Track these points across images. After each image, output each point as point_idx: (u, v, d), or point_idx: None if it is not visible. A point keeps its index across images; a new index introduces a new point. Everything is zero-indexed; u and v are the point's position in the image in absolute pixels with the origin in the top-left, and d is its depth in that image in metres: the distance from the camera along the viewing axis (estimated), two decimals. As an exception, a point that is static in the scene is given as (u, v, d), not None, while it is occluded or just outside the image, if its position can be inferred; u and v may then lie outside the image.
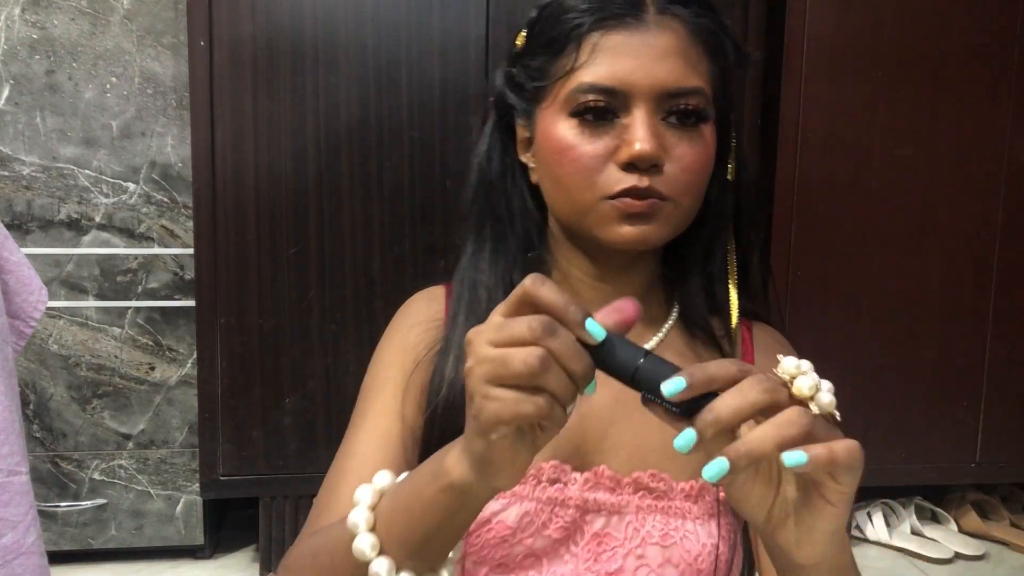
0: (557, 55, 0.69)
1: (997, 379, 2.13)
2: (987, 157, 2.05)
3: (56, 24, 1.83)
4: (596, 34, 0.67)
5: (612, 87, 0.66)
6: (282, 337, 1.87)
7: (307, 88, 1.82)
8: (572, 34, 0.68)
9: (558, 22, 0.69)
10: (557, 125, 0.69)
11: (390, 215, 1.87)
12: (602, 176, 0.68)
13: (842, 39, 1.97)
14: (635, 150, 0.66)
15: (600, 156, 0.68)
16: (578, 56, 0.68)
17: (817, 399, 0.48)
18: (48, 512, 1.91)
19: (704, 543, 0.70)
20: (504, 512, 0.70)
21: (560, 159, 0.69)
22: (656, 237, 0.69)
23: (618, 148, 0.67)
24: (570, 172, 0.69)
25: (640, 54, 0.66)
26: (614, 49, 0.67)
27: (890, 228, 2.05)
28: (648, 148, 0.65)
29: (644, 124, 0.66)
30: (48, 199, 1.87)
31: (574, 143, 0.68)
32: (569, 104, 0.68)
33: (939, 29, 2.00)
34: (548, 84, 0.70)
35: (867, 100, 2.00)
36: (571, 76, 0.68)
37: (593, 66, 0.67)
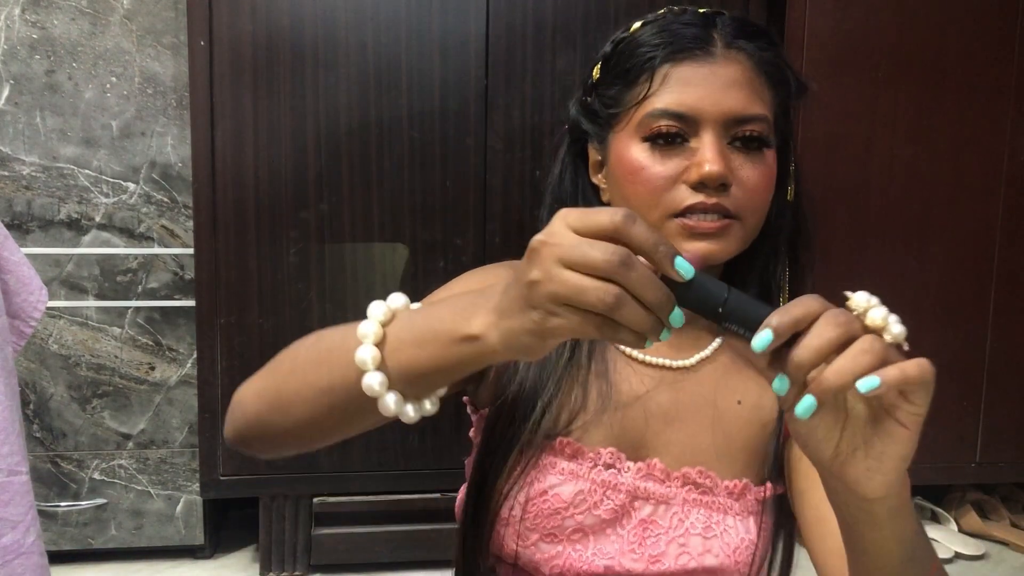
0: (631, 84, 0.75)
1: (997, 379, 2.13)
2: (987, 157, 2.05)
3: (56, 24, 1.83)
4: (667, 65, 0.74)
5: (682, 112, 0.72)
6: (282, 337, 1.87)
7: (307, 88, 1.81)
8: (646, 66, 0.74)
9: (632, 55, 0.76)
10: (630, 148, 0.75)
11: (390, 215, 1.87)
12: (670, 195, 0.73)
13: (842, 39, 1.97)
14: (704, 170, 0.71)
15: (670, 177, 0.73)
16: (651, 85, 0.74)
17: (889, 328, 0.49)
18: (48, 512, 1.91)
19: (743, 537, 0.76)
20: (560, 487, 0.75)
21: (632, 179, 0.74)
22: (722, 254, 0.73)
23: (687, 169, 0.73)
24: (640, 191, 0.74)
25: (708, 83, 0.72)
26: (684, 79, 0.73)
27: (890, 228, 2.05)
28: (717, 168, 0.71)
29: (712, 146, 0.72)
30: (48, 199, 1.86)
31: (645, 164, 0.74)
32: (642, 129, 0.74)
33: (939, 29, 2.00)
34: (622, 111, 0.76)
35: (867, 100, 2.00)
36: (644, 103, 0.74)
37: (665, 94, 0.73)
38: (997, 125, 2.05)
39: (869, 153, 2.02)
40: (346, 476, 1.91)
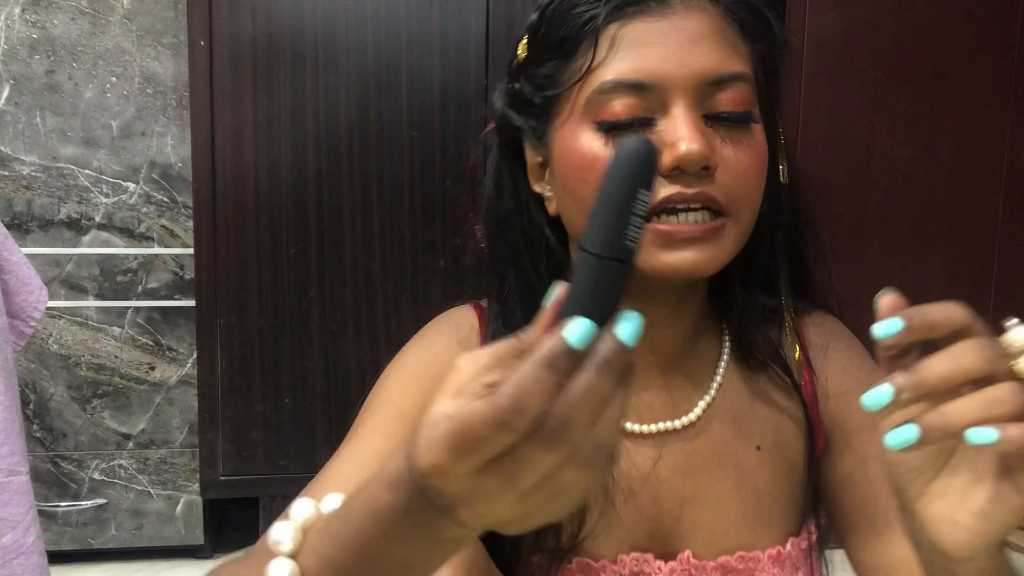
0: (570, 56, 0.59)
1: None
2: (987, 157, 2.05)
3: (56, 24, 1.83)
4: (614, 26, 0.57)
5: (642, 80, 0.56)
6: (282, 337, 1.87)
7: (307, 88, 1.81)
8: (585, 29, 0.57)
9: (566, 18, 0.59)
10: (578, 137, 0.58)
11: (390, 215, 1.87)
12: None
13: (842, 39, 1.97)
14: (680, 150, 0.55)
15: None
16: (596, 52, 0.57)
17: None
18: (48, 512, 1.91)
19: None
20: None
21: (585, 177, 0.57)
22: (713, 264, 0.57)
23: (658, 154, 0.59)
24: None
25: (669, 40, 0.56)
26: (638, 39, 0.56)
27: (890, 228, 2.05)
28: (696, 146, 0.55)
29: (687, 119, 0.55)
30: (48, 199, 1.86)
31: (601, 156, 0.57)
32: (592, 110, 0.57)
33: (939, 29, 2.00)
34: (562, 92, 0.59)
35: (867, 100, 2.00)
36: (590, 77, 0.57)
37: (615, 61, 0.56)
38: (997, 125, 2.05)
39: (869, 153, 2.02)
40: (346, 476, 1.91)
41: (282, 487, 1.92)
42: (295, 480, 1.90)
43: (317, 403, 1.89)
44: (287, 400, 1.88)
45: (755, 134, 0.59)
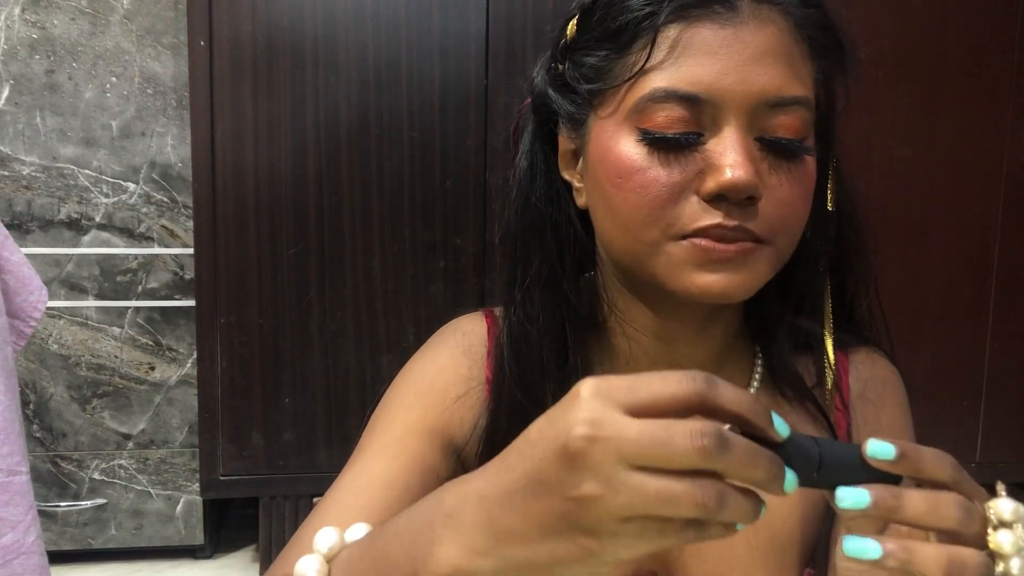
0: (623, 50, 0.54)
1: (997, 379, 2.13)
2: (987, 157, 2.05)
3: (56, 24, 1.83)
4: (675, 27, 0.52)
5: (696, 94, 0.52)
6: (282, 337, 1.87)
7: (307, 88, 1.81)
8: (644, 24, 0.53)
9: (624, 7, 0.54)
10: (619, 141, 0.54)
11: (390, 215, 1.87)
12: (677, 209, 0.53)
13: (842, 39, 1.97)
14: (726, 178, 0.51)
15: (676, 184, 0.53)
16: (651, 53, 0.53)
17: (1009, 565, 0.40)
18: (48, 512, 1.91)
19: None
20: None
21: (621, 185, 0.54)
22: (744, 290, 0.55)
23: (701, 174, 0.53)
24: (634, 203, 0.54)
25: (732, 53, 0.52)
26: (699, 46, 0.52)
27: (890, 228, 2.04)
28: (744, 176, 0.51)
29: (739, 145, 0.52)
30: (48, 199, 1.86)
31: (642, 165, 0.53)
32: (638, 116, 0.54)
33: (939, 29, 2.00)
34: (608, 88, 0.55)
35: (867, 100, 2.00)
36: (642, 79, 0.53)
37: (671, 67, 0.52)
38: (997, 125, 2.05)
39: (869, 153, 2.02)
40: (346, 476, 1.91)
41: (282, 487, 1.92)
42: (295, 480, 1.90)
43: (317, 403, 1.89)
44: (287, 400, 1.88)
45: (806, 163, 0.55)
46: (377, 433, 0.63)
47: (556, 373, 0.62)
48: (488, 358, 0.65)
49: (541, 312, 0.62)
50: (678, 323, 0.62)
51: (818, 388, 0.65)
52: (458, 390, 0.64)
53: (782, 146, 0.54)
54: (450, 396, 0.64)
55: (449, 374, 0.65)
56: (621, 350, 0.64)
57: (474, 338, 0.67)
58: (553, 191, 0.63)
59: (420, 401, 0.64)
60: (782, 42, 0.53)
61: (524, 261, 0.64)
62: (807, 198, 0.56)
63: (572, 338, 0.62)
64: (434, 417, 0.63)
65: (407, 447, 0.61)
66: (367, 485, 0.59)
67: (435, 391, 0.64)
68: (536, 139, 0.64)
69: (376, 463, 0.60)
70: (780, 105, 0.53)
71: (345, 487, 0.60)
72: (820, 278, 0.62)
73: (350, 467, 0.62)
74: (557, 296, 0.62)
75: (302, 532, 0.58)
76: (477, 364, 0.65)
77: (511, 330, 0.64)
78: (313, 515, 0.59)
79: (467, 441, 0.64)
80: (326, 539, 0.47)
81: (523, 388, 0.62)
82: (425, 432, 0.62)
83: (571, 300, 0.62)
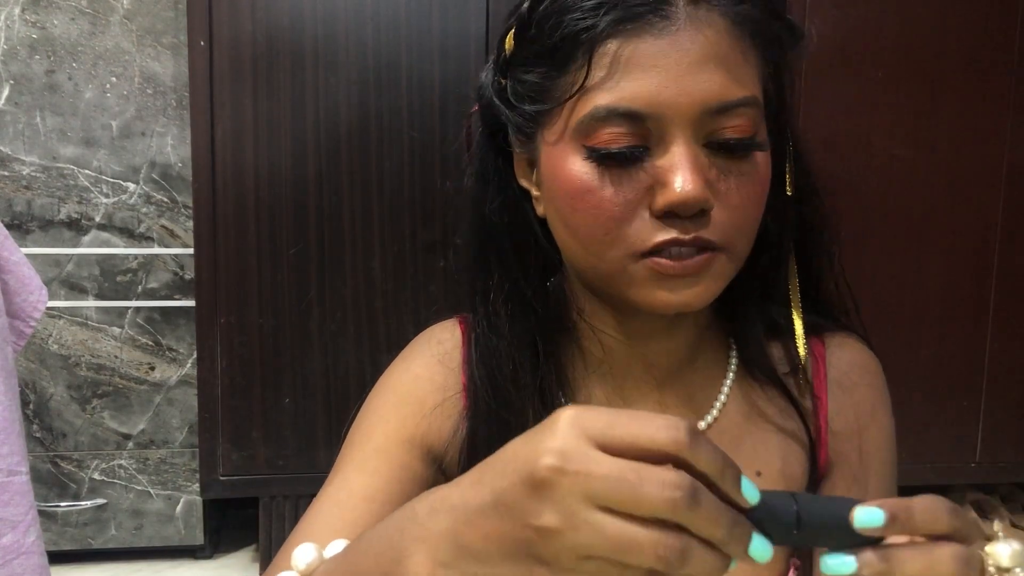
0: (561, 68, 0.54)
1: (997, 379, 2.13)
2: (987, 157, 2.05)
3: (56, 24, 1.83)
4: (612, 42, 0.52)
5: (638, 111, 0.52)
6: (282, 337, 1.87)
7: (307, 88, 1.81)
8: (580, 39, 0.52)
9: (559, 23, 0.53)
10: (567, 161, 0.54)
11: (390, 215, 1.87)
12: (632, 227, 0.53)
13: (842, 39, 1.97)
14: (676, 194, 0.51)
15: (628, 202, 0.53)
16: (590, 71, 0.52)
17: None
18: (48, 512, 1.91)
19: None
20: None
21: (575, 205, 0.54)
22: (705, 299, 0.55)
23: (651, 190, 0.53)
24: (589, 222, 0.54)
25: (671, 65, 0.51)
26: (638, 60, 0.51)
27: (890, 228, 2.04)
28: (693, 191, 0.51)
29: (685, 159, 0.52)
30: (48, 199, 1.86)
31: (592, 185, 0.53)
32: (582, 135, 0.53)
33: (939, 29, 2.00)
34: (552, 107, 0.55)
35: (867, 100, 2.00)
36: (583, 99, 0.53)
37: (610, 83, 0.52)
38: (997, 125, 2.05)
39: (868, 153, 2.02)
40: (346, 476, 1.91)
41: (282, 487, 1.92)
42: (295, 480, 1.90)
43: (317, 403, 1.89)
44: (287, 400, 1.88)
45: (757, 160, 0.55)
46: (356, 447, 0.62)
47: (530, 380, 0.62)
48: (464, 364, 0.65)
49: (507, 323, 0.62)
50: (646, 324, 0.62)
51: (794, 375, 0.65)
52: (435, 399, 0.64)
53: (730, 147, 0.53)
54: (427, 405, 0.64)
55: (424, 383, 0.65)
56: (592, 352, 0.64)
57: (448, 346, 0.67)
58: (508, 200, 0.62)
59: (397, 412, 0.63)
60: (722, 44, 0.52)
61: (484, 274, 0.64)
62: (761, 197, 0.56)
63: (542, 345, 0.62)
64: (412, 427, 0.63)
65: (387, 459, 0.61)
66: (348, 499, 0.59)
67: (412, 401, 0.64)
68: (487, 149, 0.63)
69: (356, 477, 0.60)
70: (723, 111, 0.52)
71: (326, 502, 0.60)
72: (785, 262, 0.63)
73: (330, 482, 0.61)
74: (522, 306, 0.62)
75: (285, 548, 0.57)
76: (453, 372, 0.65)
77: (478, 342, 0.64)
78: (296, 531, 0.59)
79: (446, 449, 0.64)
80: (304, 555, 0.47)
81: (497, 398, 0.62)
82: (404, 443, 0.62)
83: (536, 308, 0.62)
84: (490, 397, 0.62)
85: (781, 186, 0.61)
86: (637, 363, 0.64)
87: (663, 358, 0.64)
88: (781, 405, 0.65)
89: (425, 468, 0.63)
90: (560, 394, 0.63)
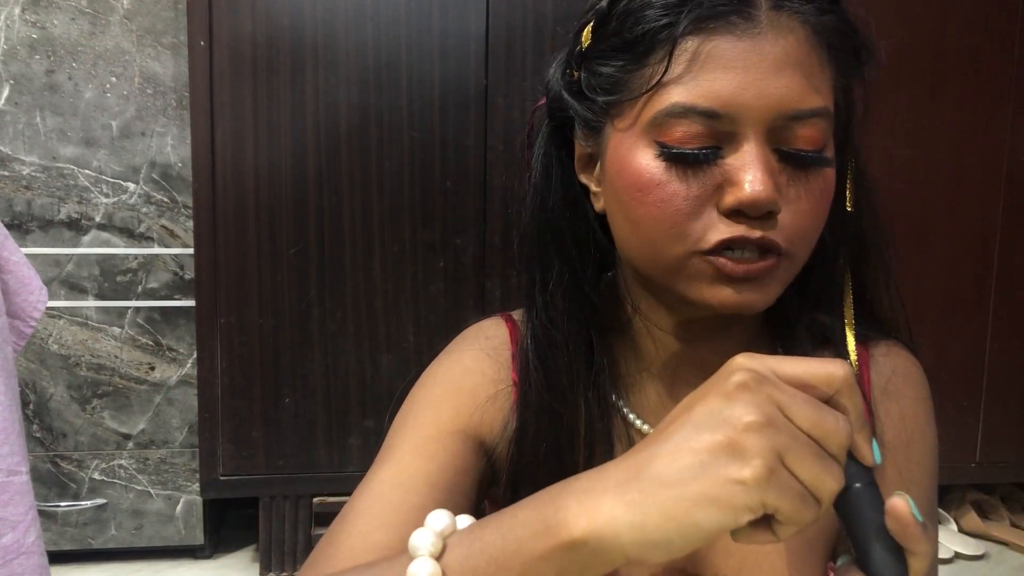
0: (639, 62, 0.54)
1: (997, 379, 2.13)
2: (987, 157, 2.05)
3: (56, 24, 1.83)
4: (693, 39, 0.52)
5: (715, 110, 0.52)
6: (282, 337, 1.87)
7: (307, 88, 1.81)
8: (661, 36, 0.52)
9: (641, 17, 0.53)
10: (637, 155, 0.55)
11: (390, 215, 1.87)
12: (698, 224, 0.54)
13: (842, 39, 1.97)
14: (746, 193, 0.52)
15: (696, 199, 0.53)
16: (669, 66, 0.52)
17: None
18: (48, 512, 1.91)
19: None
20: None
21: (641, 199, 0.54)
22: (762, 304, 0.56)
23: (720, 188, 0.53)
24: (654, 216, 0.54)
25: (750, 66, 0.51)
26: (717, 60, 0.52)
27: (890, 228, 2.04)
28: (763, 192, 0.51)
29: (757, 160, 0.52)
30: (48, 199, 1.86)
31: (661, 179, 0.54)
32: (656, 130, 0.53)
33: (939, 29, 2.00)
34: (626, 100, 0.55)
35: (867, 100, 2.00)
36: (659, 92, 0.53)
37: (689, 81, 0.52)
38: (997, 125, 2.05)
39: (868, 153, 2.02)
40: (345, 476, 1.91)
41: (282, 487, 1.92)
42: (295, 480, 1.91)
43: (317, 403, 1.89)
44: (287, 400, 1.88)
45: (824, 174, 0.55)
46: (408, 434, 0.62)
47: (584, 374, 0.62)
48: (513, 361, 0.65)
49: (564, 316, 0.63)
50: (700, 324, 0.63)
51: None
52: (487, 391, 0.64)
53: (800, 158, 0.54)
54: (479, 397, 0.64)
55: (476, 376, 0.65)
56: (646, 349, 0.65)
57: (497, 341, 0.67)
58: (570, 196, 0.63)
59: (450, 402, 0.63)
60: (800, 52, 0.53)
61: (544, 266, 0.64)
62: (825, 208, 0.57)
63: (597, 340, 0.63)
64: (465, 417, 0.63)
65: (442, 447, 0.60)
66: (411, 483, 0.58)
67: (464, 392, 0.64)
68: (551, 143, 0.64)
69: (413, 462, 0.59)
70: (799, 117, 0.53)
71: (387, 485, 0.58)
72: (839, 275, 0.63)
73: (384, 465, 0.60)
74: (579, 300, 0.63)
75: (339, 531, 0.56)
76: (503, 367, 0.65)
77: (535, 334, 0.64)
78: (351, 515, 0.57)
79: (497, 443, 0.64)
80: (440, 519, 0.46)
81: (551, 391, 0.62)
82: (458, 432, 0.62)
83: (594, 303, 0.63)
84: (543, 389, 0.62)
85: (841, 201, 0.61)
86: (688, 363, 0.64)
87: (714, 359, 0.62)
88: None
89: (477, 460, 0.63)
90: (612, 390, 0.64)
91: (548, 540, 0.41)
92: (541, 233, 0.64)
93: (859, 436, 0.40)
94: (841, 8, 0.55)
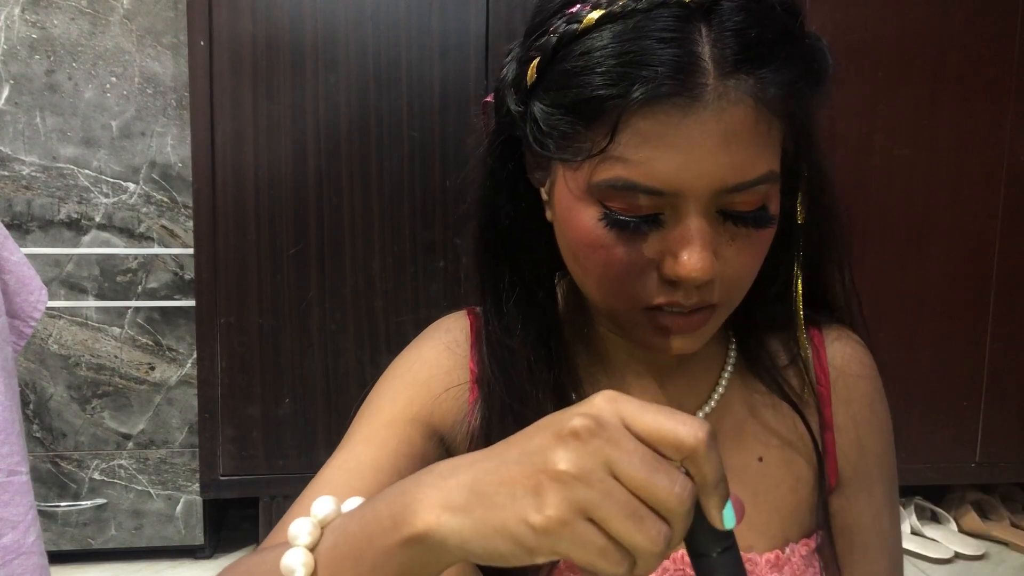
0: (585, 125, 0.52)
1: (997, 379, 2.13)
2: (987, 157, 2.05)
3: (56, 24, 1.83)
4: (637, 116, 0.50)
5: (657, 188, 0.51)
6: (282, 337, 1.87)
7: (307, 88, 1.82)
8: (606, 106, 0.51)
9: (585, 81, 0.51)
10: (582, 212, 0.54)
11: (390, 215, 1.87)
12: (639, 284, 0.55)
13: (842, 39, 1.97)
14: (685, 270, 0.52)
15: (637, 263, 0.54)
16: (613, 139, 0.51)
17: None
18: (48, 512, 1.91)
19: None
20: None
21: (587, 254, 0.56)
22: (699, 346, 0.59)
23: (661, 254, 0.54)
24: (599, 273, 0.56)
25: (694, 145, 0.50)
26: (661, 139, 0.50)
27: (890, 228, 2.05)
28: (700, 271, 0.52)
29: (697, 236, 0.52)
30: (48, 199, 1.86)
31: (605, 243, 0.54)
32: (598, 193, 0.53)
33: (939, 29, 2.00)
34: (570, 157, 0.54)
35: (867, 100, 2.00)
36: (603, 163, 0.52)
37: (632, 157, 0.51)
38: (997, 125, 2.05)
39: (868, 153, 2.02)
40: (346, 476, 1.91)
41: (282, 487, 1.92)
42: (295, 480, 1.91)
43: (317, 403, 1.89)
44: (287, 400, 1.88)
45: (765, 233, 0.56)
46: (363, 422, 0.64)
47: (546, 375, 0.64)
48: (472, 351, 0.67)
49: (520, 323, 0.64)
50: None
51: (792, 366, 0.68)
52: (442, 383, 0.66)
53: (743, 218, 0.54)
54: (435, 388, 0.65)
55: (432, 367, 0.66)
56: (600, 345, 0.68)
57: (457, 334, 0.68)
58: (519, 204, 0.62)
59: (406, 392, 0.65)
60: (748, 121, 0.51)
61: (494, 274, 0.65)
62: (762, 256, 0.57)
63: (555, 343, 0.65)
64: (418, 406, 0.64)
65: (394, 434, 0.62)
66: (356, 468, 0.60)
67: (419, 382, 0.66)
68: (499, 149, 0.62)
69: (364, 449, 0.62)
70: (741, 189, 0.52)
71: (334, 471, 0.61)
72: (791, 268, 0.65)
73: (338, 454, 0.63)
74: (534, 306, 0.64)
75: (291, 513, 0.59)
76: (460, 359, 0.67)
77: (489, 339, 0.65)
78: (301, 498, 0.60)
79: (454, 434, 0.66)
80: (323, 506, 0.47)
81: (511, 394, 0.63)
82: (411, 420, 0.64)
83: (548, 307, 0.65)
84: (504, 393, 0.63)
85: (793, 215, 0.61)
86: (639, 357, 0.67)
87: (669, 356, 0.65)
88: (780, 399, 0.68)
89: (431, 448, 0.64)
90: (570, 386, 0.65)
91: (393, 535, 0.41)
92: (489, 243, 0.65)
93: (708, 500, 0.39)
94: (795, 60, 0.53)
